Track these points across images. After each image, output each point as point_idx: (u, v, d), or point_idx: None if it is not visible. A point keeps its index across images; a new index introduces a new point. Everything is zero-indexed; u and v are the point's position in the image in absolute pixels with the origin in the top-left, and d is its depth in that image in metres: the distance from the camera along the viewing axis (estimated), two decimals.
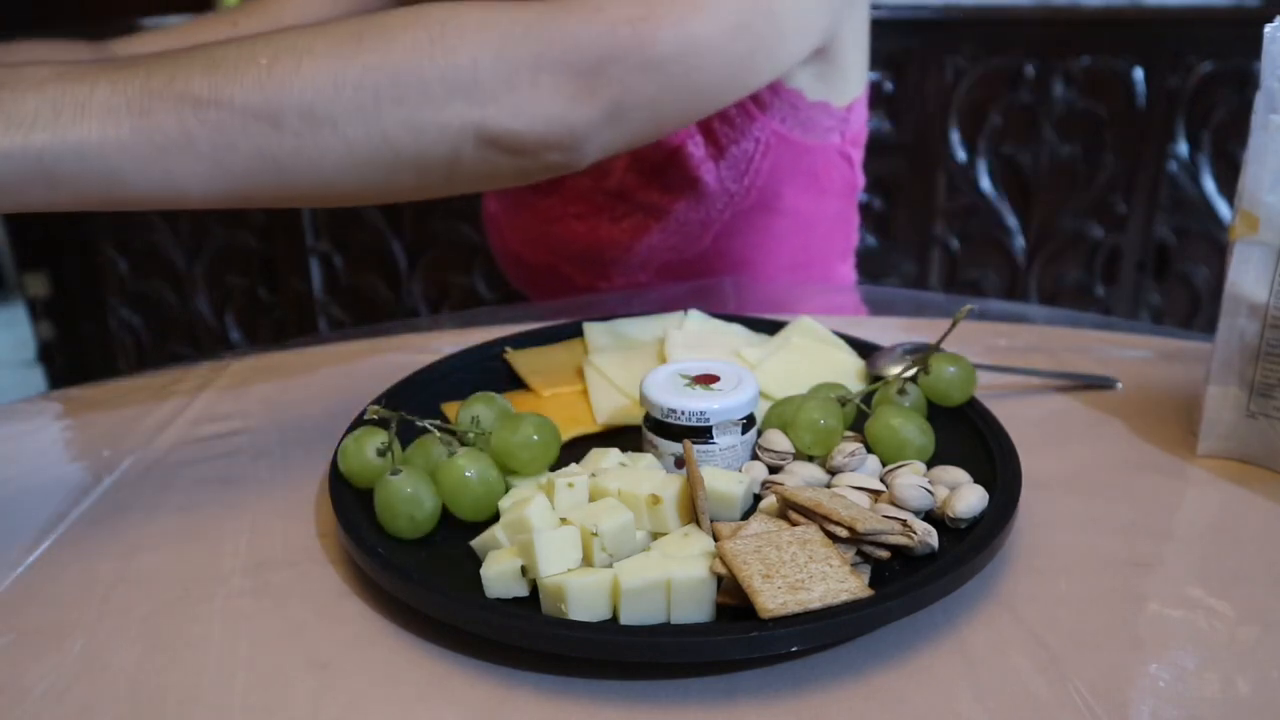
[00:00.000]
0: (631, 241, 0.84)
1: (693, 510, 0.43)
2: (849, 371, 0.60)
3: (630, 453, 0.49)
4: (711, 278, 0.85)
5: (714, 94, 0.60)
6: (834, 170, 0.85)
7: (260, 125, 0.47)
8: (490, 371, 0.62)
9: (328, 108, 0.48)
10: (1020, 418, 0.55)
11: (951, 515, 0.44)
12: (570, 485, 0.45)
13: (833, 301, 0.92)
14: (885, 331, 0.68)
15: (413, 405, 0.57)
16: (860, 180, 0.89)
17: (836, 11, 0.71)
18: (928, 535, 0.42)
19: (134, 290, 1.89)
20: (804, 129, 0.80)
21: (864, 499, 0.45)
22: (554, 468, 0.49)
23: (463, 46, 0.50)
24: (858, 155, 0.87)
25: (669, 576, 0.39)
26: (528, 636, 0.38)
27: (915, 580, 0.40)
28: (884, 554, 0.42)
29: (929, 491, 0.45)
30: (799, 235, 0.85)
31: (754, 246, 0.84)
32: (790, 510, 0.43)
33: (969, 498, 0.44)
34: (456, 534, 0.46)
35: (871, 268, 1.73)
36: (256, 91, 0.47)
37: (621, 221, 0.84)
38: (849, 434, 0.51)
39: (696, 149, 0.78)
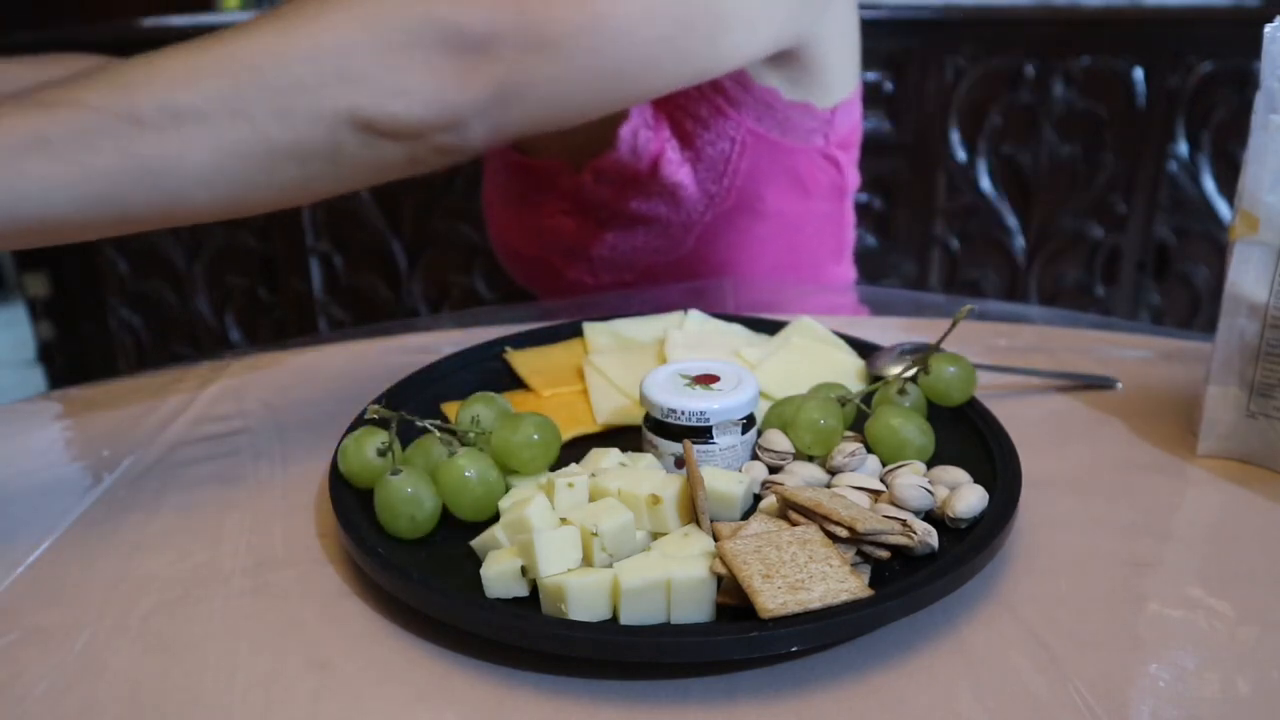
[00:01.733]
0: (617, 242, 0.84)
1: (693, 510, 0.43)
2: (849, 371, 0.60)
3: (630, 453, 0.49)
4: (698, 279, 0.85)
5: (633, 78, 0.57)
6: (818, 172, 0.83)
7: (117, 122, 0.45)
8: (490, 371, 0.62)
9: (189, 98, 0.46)
10: (1020, 418, 0.55)
11: (951, 515, 0.44)
12: (570, 485, 0.45)
13: (832, 302, 0.92)
14: (885, 331, 0.68)
15: (413, 405, 0.57)
16: (852, 182, 0.88)
17: (798, 11, 0.69)
18: (928, 535, 0.42)
19: (134, 290, 1.88)
20: (783, 130, 0.79)
21: (864, 499, 0.45)
22: (554, 468, 0.49)
23: (331, 26, 0.48)
24: (847, 157, 0.86)
25: (669, 576, 0.39)
26: (528, 636, 0.38)
27: (915, 580, 0.40)
28: (884, 554, 0.42)
29: (929, 491, 0.45)
30: (783, 237, 0.85)
31: (738, 248, 0.84)
32: (790, 510, 0.43)
33: (969, 498, 0.44)
34: (456, 534, 0.46)
35: (871, 268, 1.73)
36: (110, 89, 0.45)
37: (608, 223, 0.85)
38: (849, 434, 0.51)
39: (674, 154, 0.78)
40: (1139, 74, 1.61)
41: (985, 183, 1.70)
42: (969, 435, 0.52)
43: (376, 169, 0.53)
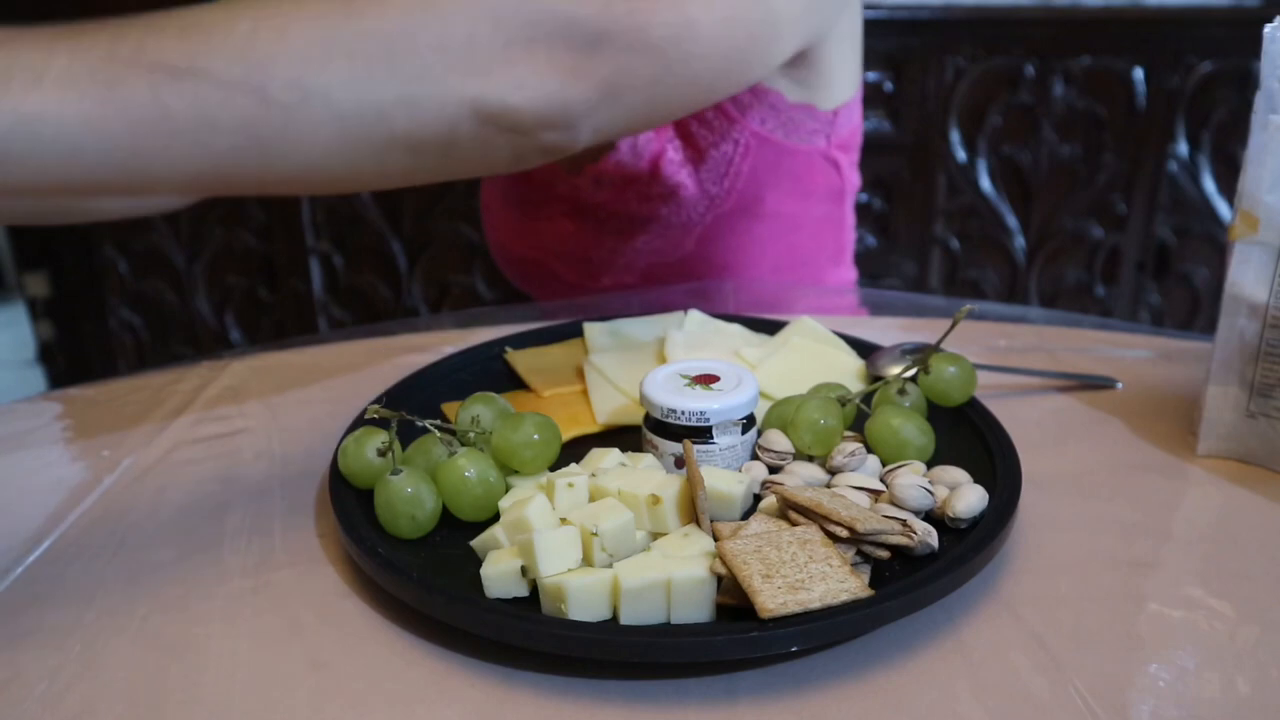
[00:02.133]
0: (617, 244, 0.84)
1: (693, 510, 0.43)
2: (849, 371, 0.60)
3: (630, 453, 0.49)
4: (698, 280, 0.85)
5: (709, 85, 0.58)
6: (818, 174, 0.83)
7: (245, 99, 0.43)
8: (490, 371, 0.62)
9: (318, 79, 0.44)
10: (1020, 418, 0.55)
11: (951, 515, 0.44)
12: (570, 485, 0.45)
13: (833, 302, 0.92)
14: (885, 331, 0.68)
15: (413, 405, 0.57)
16: (853, 184, 0.88)
17: (827, 15, 0.70)
18: (928, 535, 0.42)
19: (134, 290, 1.89)
20: (785, 131, 0.79)
21: (864, 499, 0.45)
22: (554, 468, 0.49)
23: (458, 14, 0.47)
24: (847, 159, 0.86)
25: (669, 576, 0.39)
26: (528, 636, 0.38)
27: (915, 580, 0.40)
28: (884, 554, 0.42)
29: (929, 491, 0.45)
30: (784, 238, 0.85)
31: (738, 249, 0.84)
32: (790, 510, 0.43)
33: (969, 498, 0.44)
34: (456, 534, 0.46)
35: (871, 268, 1.73)
36: (239, 61, 0.43)
37: (606, 224, 0.84)
38: (849, 434, 0.51)
39: (675, 154, 0.78)
40: (1139, 74, 1.61)
41: (985, 183, 1.70)
42: (969, 435, 0.52)
43: (480, 164, 0.52)
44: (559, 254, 0.88)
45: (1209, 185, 1.66)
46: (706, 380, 0.50)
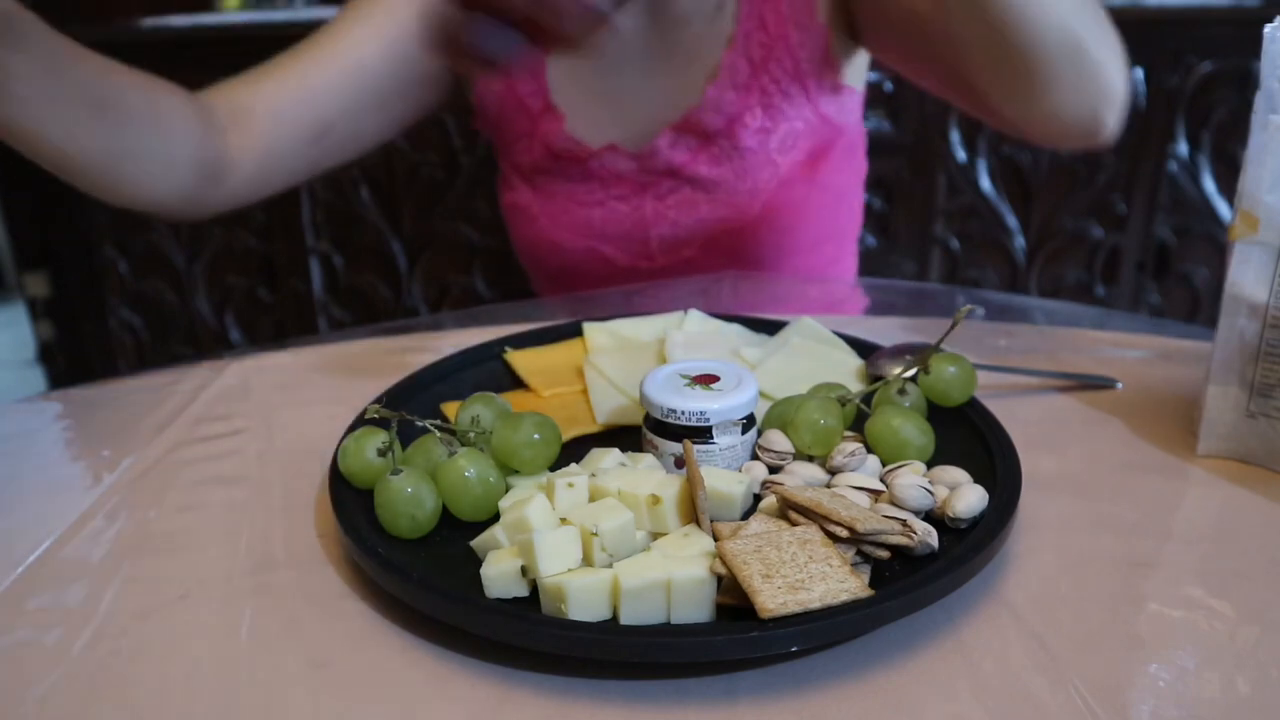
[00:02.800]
0: (679, 217, 0.87)
1: (693, 510, 0.43)
2: (849, 371, 0.60)
3: (630, 453, 0.49)
4: (756, 253, 0.89)
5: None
6: (854, 151, 0.91)
7: None
8: (490, 371, 0.62)
9: None
10: (1020, 418, 0.55)
11: (951, 515, 0.44)
12: (570, 485, 0.45)
13: (832, 296, 0.93)
14: (885, 331, 0.68)
15: (413, 405, 0.57)
16: (865, 165, 0.95)
17: None
18: (928, 535, 0.42)
19: (134, 290, 1.88)
20: (838, 109, 0.86)
21: (864, 499, 0.45)
22: (554, 468, 0.49)
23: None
24: (862, 140, 0.93)
25: (669, 576, 0.39)
26: (528, 636, 0.38)
27: (915, 580, 0.40)
28: (884, 554, 0.42)
29: (929, 491, 0.45)
30: (831, 209, 0.90)
31: (794, 219, 0.88)
32: (790, 510, 0.43)
33: (969, 498, 0.44)
34: (456, 534, 0.46)
35: (871, 268, 1.73)
36: None
37: (667, 198, 0.87)
38: (849, 434, 0.51)
39: (753, 120, 0.83)
40: (1139, 74, 1.61)
41: (985, 183, 1.70)
42: (969, 435, 0.52)
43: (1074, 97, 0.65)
44: (613, 239, 0.89)
45: (1209, 185, 1.66)
46: (706, 380, 0.50)
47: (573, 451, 0.51)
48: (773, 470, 0.49)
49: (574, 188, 0.89)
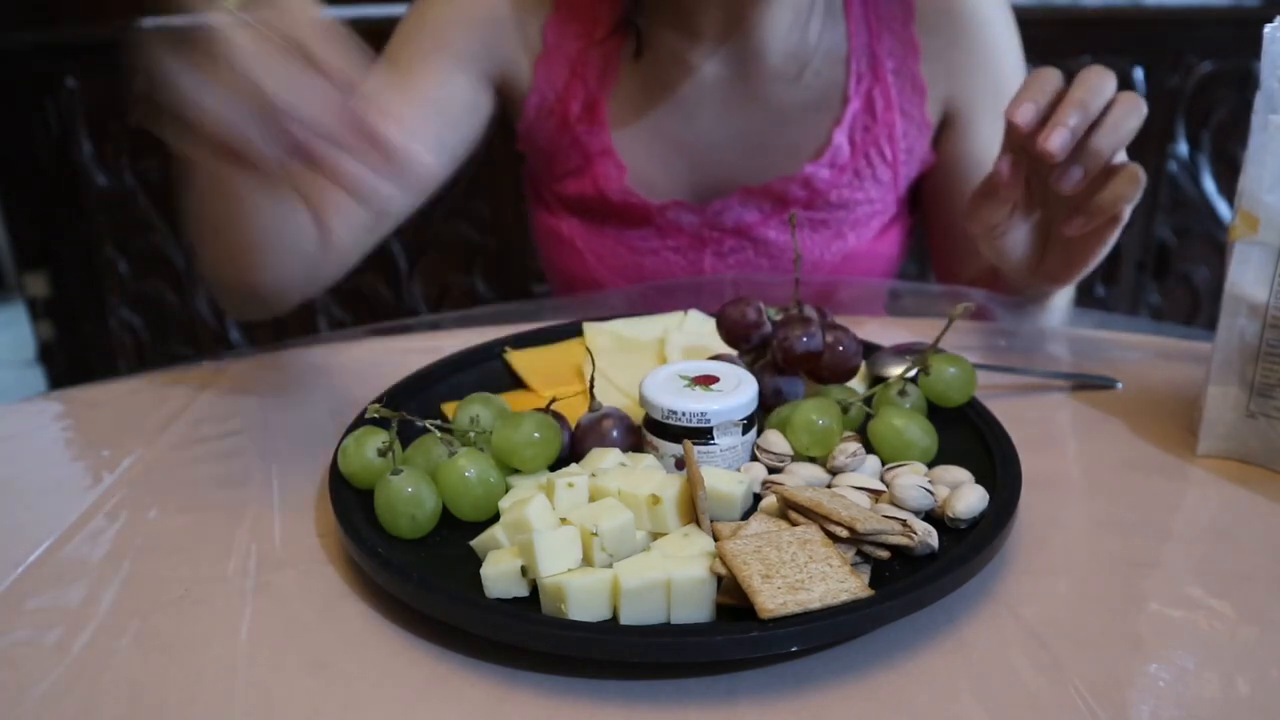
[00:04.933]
0: (736, 278, 0.83)
1: (693, 510, 0.43)
2: None
3: (630, 453, 0.49)
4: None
5: None
6: (910, 214, 0.90)
7: None
8: (490, 371, 0.62)
9: None
10: (1020, 418, 0.55)
11: (951, 515, 0.44)
12: (570, 485, 0.45)
13: (831, 296, 0.93)
14: (885, 331, 0.68)
15: (413, 405, 0.57)
16: None
17: None
18: (928, 535, 0.42)
19: (134, 290, 1.88)
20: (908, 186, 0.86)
21: (864, 499, 0.45)
22: (554, 468, 0.49)
23: None
24: None
25: (669, 576, 0.39)
26: (528, 636, 0.38)
27: (915, 580, 0.40)
28: (884, 554, 0.42)
29: (929, 491, 0.45)
30: (882, 272, 0.89)
31: (898, 242, 0.88)
32: (790, 510, 0.43)
33: (969, 498, 0.44)
34: (456, 534, 0.46)
35: None
36: None
37: (728, 257, 0.84)
38: (849, 434, 0.51)
39: (838, 197, 0.81)
40: (1139, 74, 1.61)
41: None
42: (969, 435, 0.52)
43: None
44: (663, 288, 0.85)
45: (1209, 185, 1.66)
46: (706, 381, 0.50)
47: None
48: (772, 472, 0.49)
49: (628, 233, 0.84)
